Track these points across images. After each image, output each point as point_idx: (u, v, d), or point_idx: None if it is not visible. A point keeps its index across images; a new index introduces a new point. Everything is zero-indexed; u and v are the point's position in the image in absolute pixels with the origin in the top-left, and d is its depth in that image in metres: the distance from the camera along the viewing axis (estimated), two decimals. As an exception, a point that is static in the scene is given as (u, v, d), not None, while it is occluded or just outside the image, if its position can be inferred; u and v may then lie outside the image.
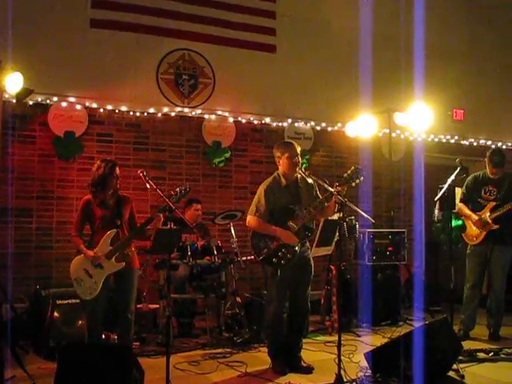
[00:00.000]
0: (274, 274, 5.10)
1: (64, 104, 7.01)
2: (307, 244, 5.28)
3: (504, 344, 6.07)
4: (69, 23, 7.11)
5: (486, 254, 6.37)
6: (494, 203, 6.30)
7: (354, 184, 4.90)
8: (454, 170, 5.94)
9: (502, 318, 6.45)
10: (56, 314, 5.64)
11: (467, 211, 6.43)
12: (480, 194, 6.43)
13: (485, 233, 6.31)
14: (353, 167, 4.94)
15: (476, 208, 6.42)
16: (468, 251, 6.51)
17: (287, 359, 5.19)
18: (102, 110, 7.21)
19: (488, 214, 6.29)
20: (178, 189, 4.74)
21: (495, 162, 6.36)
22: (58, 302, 5.69)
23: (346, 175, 4.91)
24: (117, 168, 5.04)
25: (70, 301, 5.66)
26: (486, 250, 6.36)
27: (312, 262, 5.29)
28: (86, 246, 4.97)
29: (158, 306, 6.47)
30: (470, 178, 6.53)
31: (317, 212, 5.06)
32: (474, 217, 6.35)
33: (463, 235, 6.53)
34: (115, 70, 7.28)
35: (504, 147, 10.14)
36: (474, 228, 6.38)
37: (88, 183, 5.09)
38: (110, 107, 7.24)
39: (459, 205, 6.46)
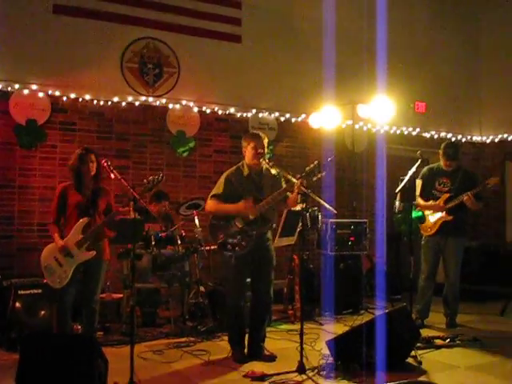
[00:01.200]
0: (230, 262, 5.13)
1: (26, 91, 6.89)
2: (268, 234, 5.30)
3: (459, 331, 6.27)
4: (31, 8, 6.97)
5: (439, 245, 6.54)
6: (448, 195, 6.46)
7: (314, 178, 4.98)
8: (416, 162, 6.07)
9: (458, 306, 6.65)
10: (18, 304, 5.59)
11: (425, 203, 6.57)
12: (434, 185, 6.59)
13: (439, 224, 6.47)
14: (316, 162, 5.01)
15: (430, 199, 6.58)
16: (423, 242, 6.67)
17: (250, 348, 5.25)
18: (65, 98, 7.11)
19: (442, 205, 6.46)
20: (151, 177, 4.70)
21: (449, 155, 6.51)
22: (20, 292, 5.63)
23: (307, 169, 4.98)
24: (90, 155, 5.09)
25: (32, 291, 5.62)
26: (440, 241, 6.52)
27: (273, 251, 5.33)
28: (59, 234, 4.98)
29: (121, 295, 6.48)
30: (424, 169, 6.65)
31: (276, 203, 5.10)
32: (436, 203, 6.49)
33: (420, 226, 6.69)
34: (79, 57, 7.18)
35: (464, 140, 10.40)
36: (431, 219, 6.54)
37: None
38: (73, 95, 7.14)
39: (417, 200, 6.59)
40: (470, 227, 9.53)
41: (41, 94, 6.98)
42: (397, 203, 6.47)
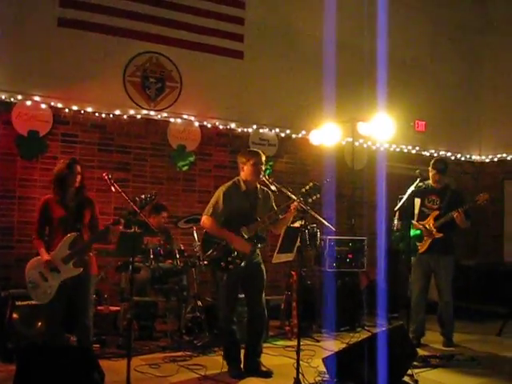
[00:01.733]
0: (221, 278, 5.13)
1: (28, 103, 6.94)
2: (257, 251, 5.30)
3: (456, 350, 6.26)
4: (36, 21, 7.05)
5: (429, 264, 6.56)
6: (437, 212, 6.50)
7: (310, 200, 5.00)
8: (415, 180, 6.09)
9: (453, 324, 6.63)
10: (15, 315, 5.56)
11: (414, 222, 6.60)
12: (423, 203, 6.62)
13: (429, 242, 6.50)
14: (311, 183, 5.03)
15: (420, 217, 6.61)
16: (413, 261, 6.65)
17: (246, 363, 5.24)
18: (67, 110, 7.16)
19: (432, 222, 6.49)
20: (143, 195, 4.69)
21: (439, 169, 6.56)
22: (18, 302, 5.59)
23: (303, 190, 5.00)
24: (77, 166, 4.94)
25: (29, 302, 5.54)
26: (430, 259, 6.54)
27: (263, 267, 5.32)
28: (45, 249, 4.88)
29: (118, 308, 6.45)
30: (414, 188, 6.65)
31: (271, 222, 5.12)
32: (419, 226, 6.53)
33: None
34: (82, 70, 7.24)
35: (463, 159, 10.44)
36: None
37: (50, 182, 5.01)
38: (75, 107, 7.19)
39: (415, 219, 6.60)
40: (465, 246, 9.61)
41: (43, 106, 7.02)
42: (395, 221, 6.48)
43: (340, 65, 8.13)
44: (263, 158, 5.26)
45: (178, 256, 6.48)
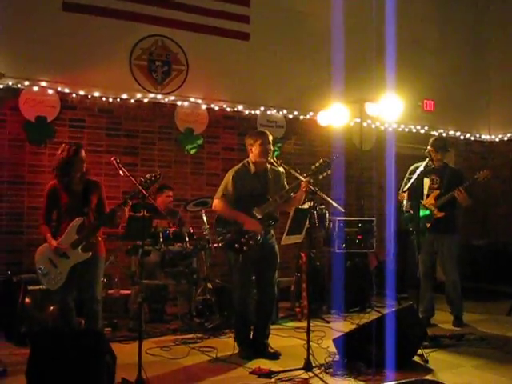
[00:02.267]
0: (236, 261, 5.15)
1: (35, 88, 6.93)
2: (272, 232, 5.34)
3: (466, 329, 6.27)
4: (40, 6, 7.01)
5: (433, 244, 6.56)
6: (438, 192, 6.49)
7: (321, 177, 5.01)
8: (424, 161, 6.06)
9: (461, 303, 6.64)
10: (27, 299, 5.62)
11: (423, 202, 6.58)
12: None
13: (431, 221, 6.48)
14: (321, 160, 5.03)
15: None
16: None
17: (254, 345, 5.27)
18: (74, 95, 7.15)
19: (433, 202, 6.48)
20: (148, 175, 4.66)
21: (439, 147, 6.54)
22: (30, 287, 5.65)
23: (313, 167, 5.01)
24: (82, 151, 4.92)
25: (41, 286, 5.57)
26: (433, 239, 6.54)
27: (277, 248, 5.36)
28: (52, 234, 4.88)
29: (129, 291, 6.50)
30: (412, 167, 6.61)
31: (283, 201, 5.13)
32: (427, 200, 6.53)
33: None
34: (88, 54, 7.21)
35: (472, 138, 10.37)
36: None
37: (52, 168, 4.99)
38: (82, 92, 7.18)
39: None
40: (474, 226, 9.59)
41: (50, 91, 7.02)
42: (404, 202, 6.46)
43: (347, 45, 8.06)
44: (270, 138, 5.26)
45: (187, 239, 6.50)
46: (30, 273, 5.81)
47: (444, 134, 9.79)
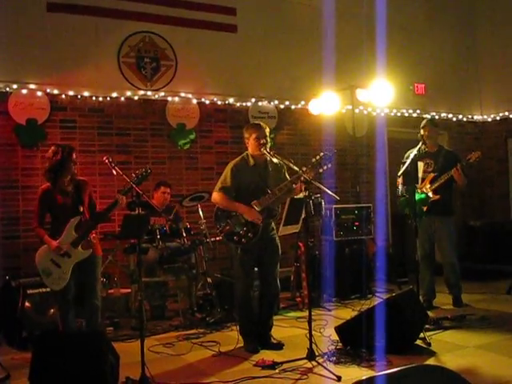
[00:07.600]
0: (237, 254, 5.17)
1: (24, 91, 6.88)
2: (272, 224, 5.34)
3: (466, 310, 6.30)
4: (25, 8, 6.95)
5: (431, 227, 6.57)
6: (433, 175, 6.51)
7: (321, 170, 5.00)
8: (417, 144, 6.06)
9: (460, 284, 6.67)
10: (27, 303, 5.61)
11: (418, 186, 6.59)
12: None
13: (428, 204, 6.49)
14: (322, 153, 5.03)
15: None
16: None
17: (258, 337, 5.27)
18: (63, 96, 7.11)
19: (428, 185, 6.49)
20: (137, 171, 4.74)
21: (433, 123, 6.64)
22: (29, 291, 5.65)
23: (314, 161, 5.01)
24: (74, 153, 5.00)
25: (40, 290, 5.62)
26: (430, 221, 6.55)
27: (278, 241, 5.36)
28: (49, 236, 4.92)
29: (129, 290, 6.50)
30: (408, 153, 6.59)
31: (283, 194, 5.12)
32: (422, 184, 6.56)
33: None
34: (75, 54, 7.17)
35: (465, 119, 10.37)
36: None
37: (44, 170, 5.03)
38: (71, 93, 7.14)
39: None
40: (471, 207, 9.62)
41: (39, 93, 6.97)
42: (400, 186, 6.46)
43: (337, 32, 8.06)
44: (266, 131, 5.26)
45: (184, 234, 6.49)
46: (29, 277, 5.81)
47: (436, 117, 9.78)
